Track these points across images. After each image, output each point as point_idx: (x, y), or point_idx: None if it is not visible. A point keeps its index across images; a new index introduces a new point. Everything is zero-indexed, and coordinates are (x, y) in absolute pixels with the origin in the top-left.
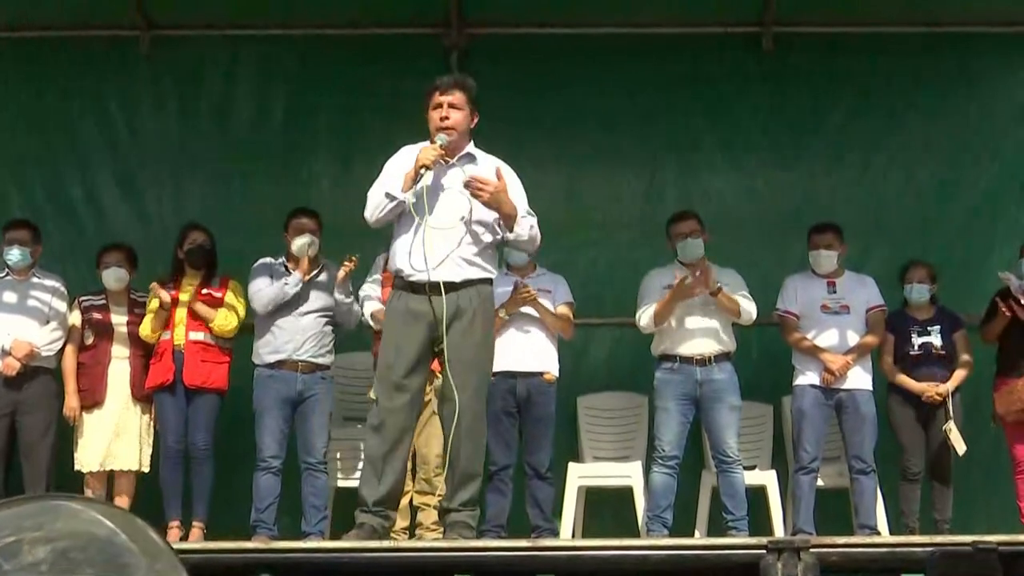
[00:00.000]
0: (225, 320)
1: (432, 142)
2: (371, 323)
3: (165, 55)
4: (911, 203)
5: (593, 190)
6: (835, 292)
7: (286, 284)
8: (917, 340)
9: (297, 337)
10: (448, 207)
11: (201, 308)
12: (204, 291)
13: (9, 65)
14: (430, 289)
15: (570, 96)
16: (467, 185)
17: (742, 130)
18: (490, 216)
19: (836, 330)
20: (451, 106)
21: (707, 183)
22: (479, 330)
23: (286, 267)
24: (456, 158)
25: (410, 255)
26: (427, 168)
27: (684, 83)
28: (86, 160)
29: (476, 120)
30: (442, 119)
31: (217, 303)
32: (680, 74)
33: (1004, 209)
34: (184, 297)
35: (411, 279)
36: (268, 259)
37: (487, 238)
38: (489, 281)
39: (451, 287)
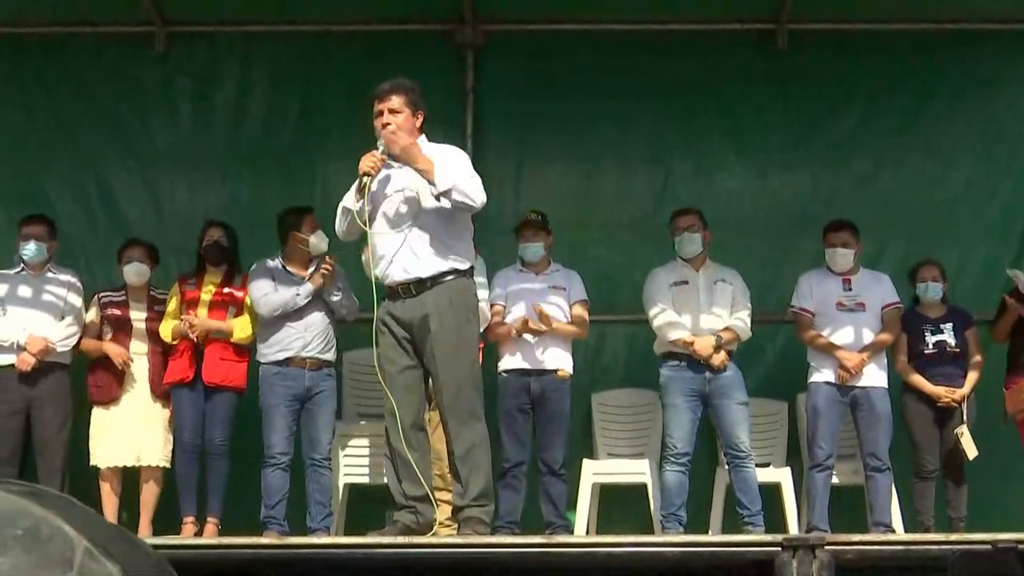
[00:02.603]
0: (242, 331)
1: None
2: None
3: (179, 52)
4: (921, 203)
5: (605, 188)
6: (850, 290)
7: (297, 295)
8: (931, 339)
9: (305, 335)
10: (398, 209)
11: (215, 325)
12: (225, 290)
13: (22, 61)
14: (403, 292)
15: (582, 95)
16: (386, 142)
17: (753, 129)
18: (440, 206)
19: (851, 328)
20: (391, 111)
21: (718, 182)
22: (452, 330)
23: (286, 269)
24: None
25: (373, 262)
26: (368, 175)
27: (696, 82)
28: (100, 157)
29: (422, 118)
30: (384, 126)
31: (237, 302)
32: (692, 73)
33: (1017, 208)
34: (205, 296)
35: (384, 284)
36: (266, 260)
37: (447, 229)
38: (460, 272)
39: (421, 287)
